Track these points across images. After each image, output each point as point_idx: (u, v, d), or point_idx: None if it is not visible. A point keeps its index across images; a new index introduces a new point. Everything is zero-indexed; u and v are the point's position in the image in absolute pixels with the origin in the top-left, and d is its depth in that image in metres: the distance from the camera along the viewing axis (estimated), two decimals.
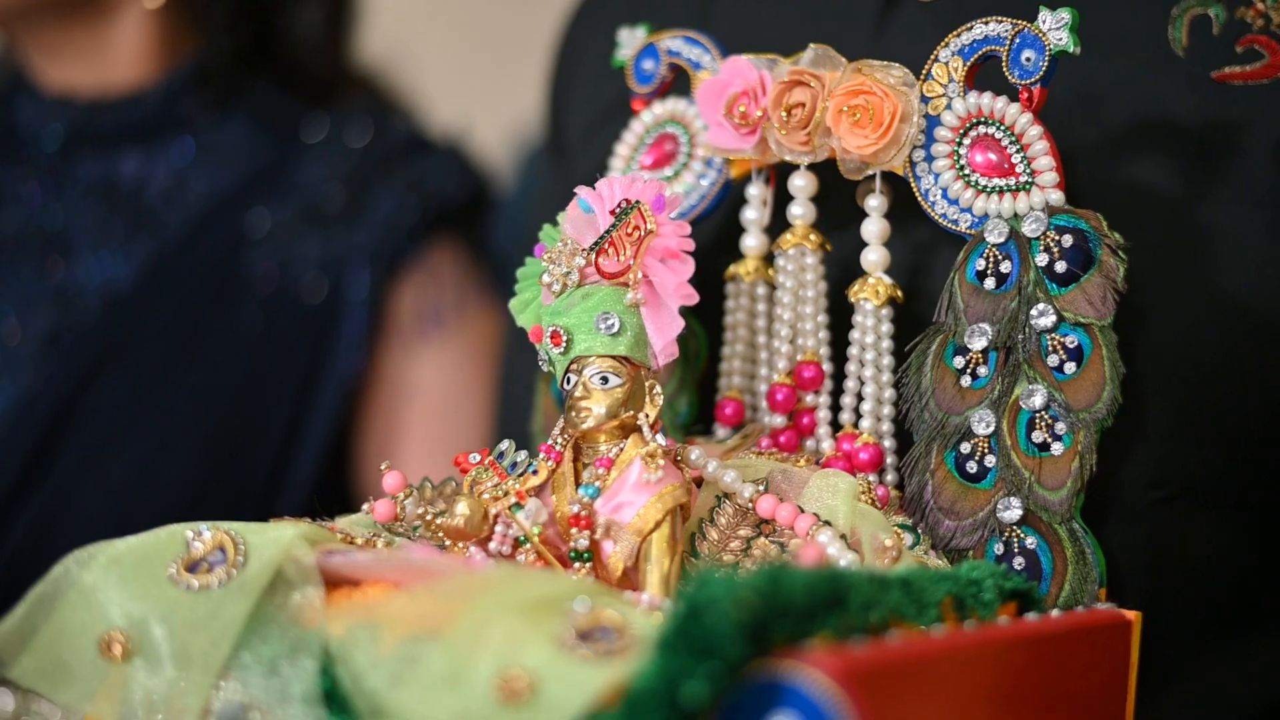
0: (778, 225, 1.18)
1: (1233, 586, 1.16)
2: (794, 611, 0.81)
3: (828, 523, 1.03)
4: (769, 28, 1.31)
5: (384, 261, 1.73)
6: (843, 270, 1.17)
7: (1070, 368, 1.03)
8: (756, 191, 1.17)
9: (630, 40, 1.23)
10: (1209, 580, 1.15)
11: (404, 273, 1.74)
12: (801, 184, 1.14)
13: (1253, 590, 1.16)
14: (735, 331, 1.19)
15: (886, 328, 1.12)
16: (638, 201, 1.05)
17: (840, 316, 1.16)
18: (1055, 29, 1.05)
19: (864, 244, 1.13)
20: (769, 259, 1.18)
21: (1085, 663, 0.98)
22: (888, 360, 1.12)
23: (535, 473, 1.04)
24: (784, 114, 1.11)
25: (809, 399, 1.15)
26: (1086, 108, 1.15)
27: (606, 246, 1.05)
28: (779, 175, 1.17)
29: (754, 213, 1.17)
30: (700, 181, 1.18)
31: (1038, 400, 1.03)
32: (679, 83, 1.22)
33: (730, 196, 1.19)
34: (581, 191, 1.08)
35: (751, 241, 1.18)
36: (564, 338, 1.04)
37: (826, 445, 1.14)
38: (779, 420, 1.15)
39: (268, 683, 0.92)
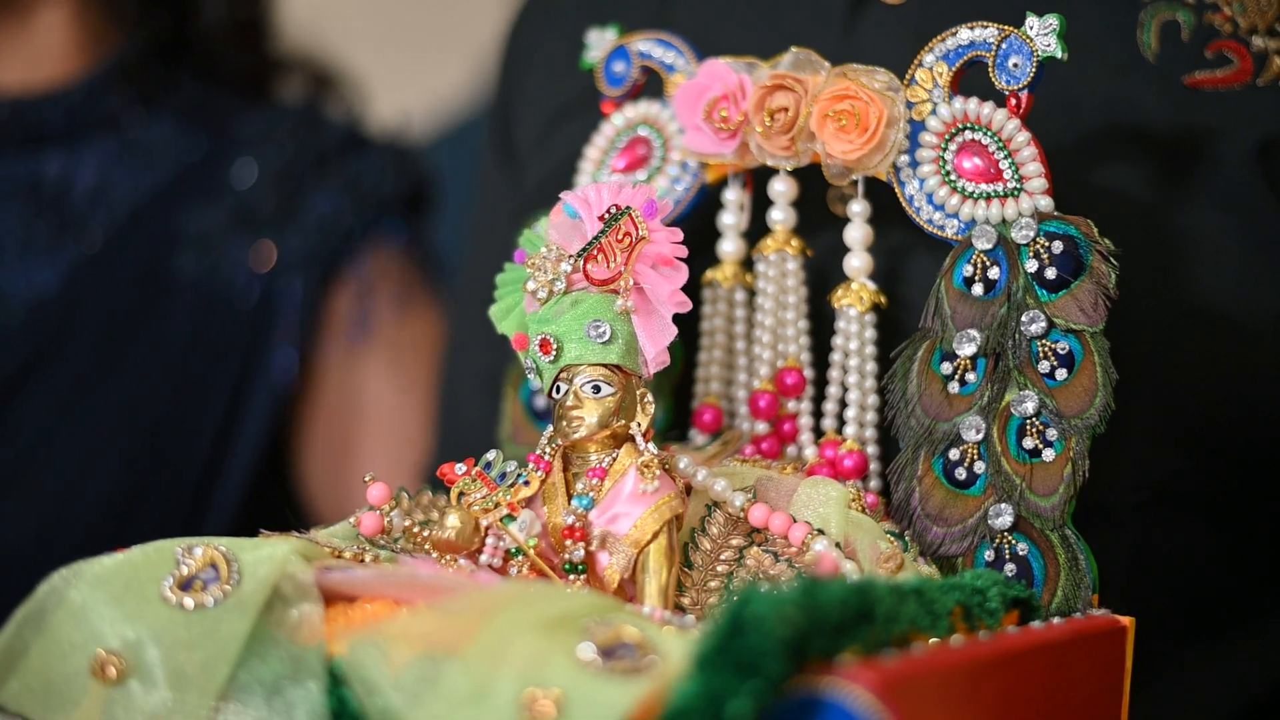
0: (751, 230, 1.17)
1: (1213, 589, 1.17)
2: (829, 626, 0.81)
3: (821, 531, 1.03)
4: (730, 29, 1.30)
5: (319, 266, 1.68)
6: (817, 275, 1.16)
7: (1061, 374, 1.03)
8: (734, 196, 1.16)
9: (599, 42, 1.21)
10: (1189, 583, 1.16)
11: (341, 277, 1.70)
12: (782, 189, 1.14)
13: (1232, 592, 1.18)
14: (713, 337, 1.17)
15: (870, 333, 1.11)
16: (628, 207, 1.03)
17: (817, 322, 1.15)
18: (1043, 34, 1.05)
19: (842, 249, 1.13)
20: (746, 264, 1.17)
21: (1085, 668, 0.98)
22: (871, 366, 1.11)
23: (526, 484, 1.02)
24: (767, 118, 1.09)
25: (790, 405, 1.14)
26: (1060, 112, 1.15)
27: (595, 253, 1.03)
28: (755, 179, 1.16)
29: (731, 217, 1.16)
30: (675, 186, 1.17)
31: (1029, 406, 1.03)
32: (649, 85, 1.20)
33: (704, 201, 1.18)
34: (568, 197, 1.06)
35: (729, 247, 1.16)
36: (554, 346, 1.03)
37: (809, 452, 1.13)
38: (761, 427, 1.14)
39: (270, 704, 0.89)
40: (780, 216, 1.14)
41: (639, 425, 1.03)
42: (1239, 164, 1.12)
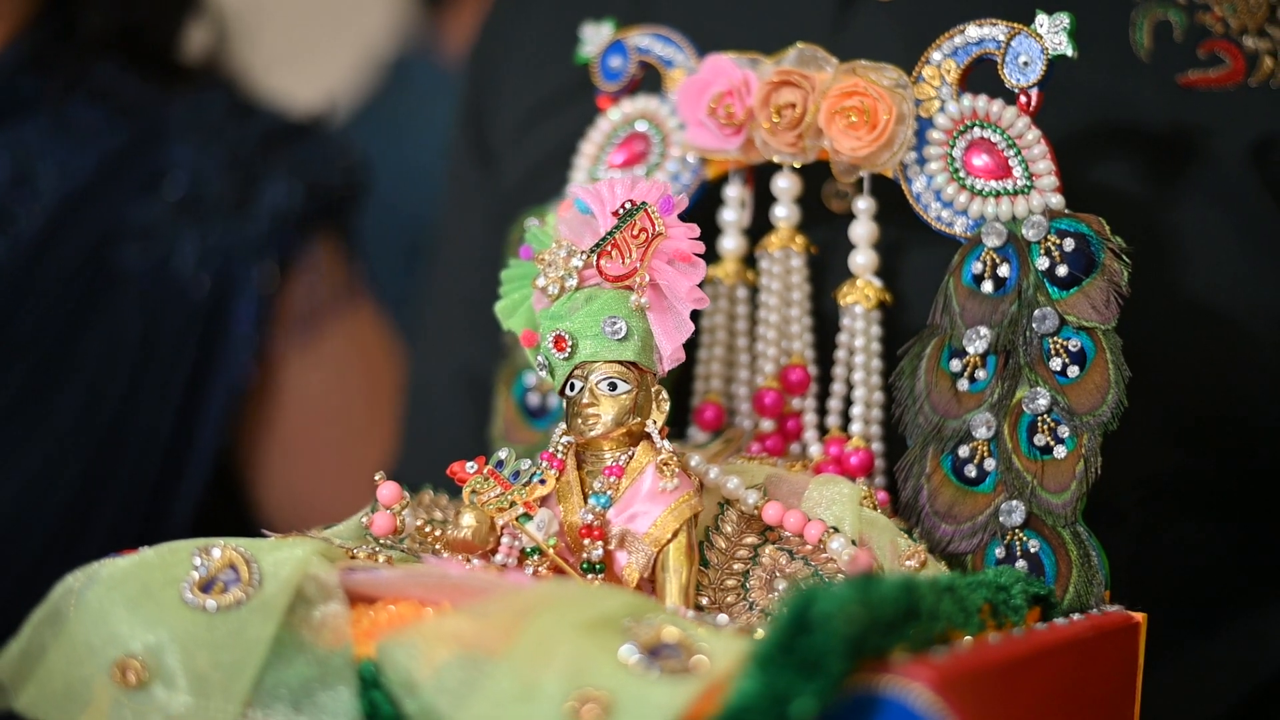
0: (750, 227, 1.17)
1: (1211, 584, 1.18)
2: (883, 624, 0.80)
3: (835, 529, 1.02)
4: (715, 25, 1.28)
5: (274, 255, 1.62)
6: (815, 271, 1.16)
7: (1073, 371, 1.03)
8: (735, 193, 1.15)
9: (595, 37, 1.20)
10: (1190, 577, 1.17)
11: (295, 267, 1.64)
12: (786, 186, 1.13)
13: (1232, 586, 1.19)
14: (714, 335, 1.17)
15: (876, 330, 1.11)
16: (644, 203, 1.02)
17: (817, 319, 1.15)
18: (1053, 32, 1.05)
19: (837, 245, 1.13)
20: (747, 261, 1.16)
21: (1104, 664, 0.99)
22: (876, 363, 1.11)
23: (542, 482, 1.01)
24: (774, 115, 1.09)
25: (794, 403, 1.14)
26: (1053, 110, 1.15)
27: (609, 249, 1.02)
28: (756, 176, 1.16)
29: (733, 214, 1.16)
30: (675, 182, 1.16)
31: (1042, 403, 1.03)
32: (645, 80, 1.19)
33: (704, 197, 1.17)
34: (579, 192, 1.05)
35: (730, 243, 1.16)
36: (568, 343, 1.01)
37: (814, 449, 1.13)
38: (766, 424, 1.14)
39: (299, 708, 0.88)
40: (784, 213, 1.13)
41: (655, 423, 1.02)
42: (1234, 163, 1.13)
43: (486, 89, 1.46)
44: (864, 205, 1.11)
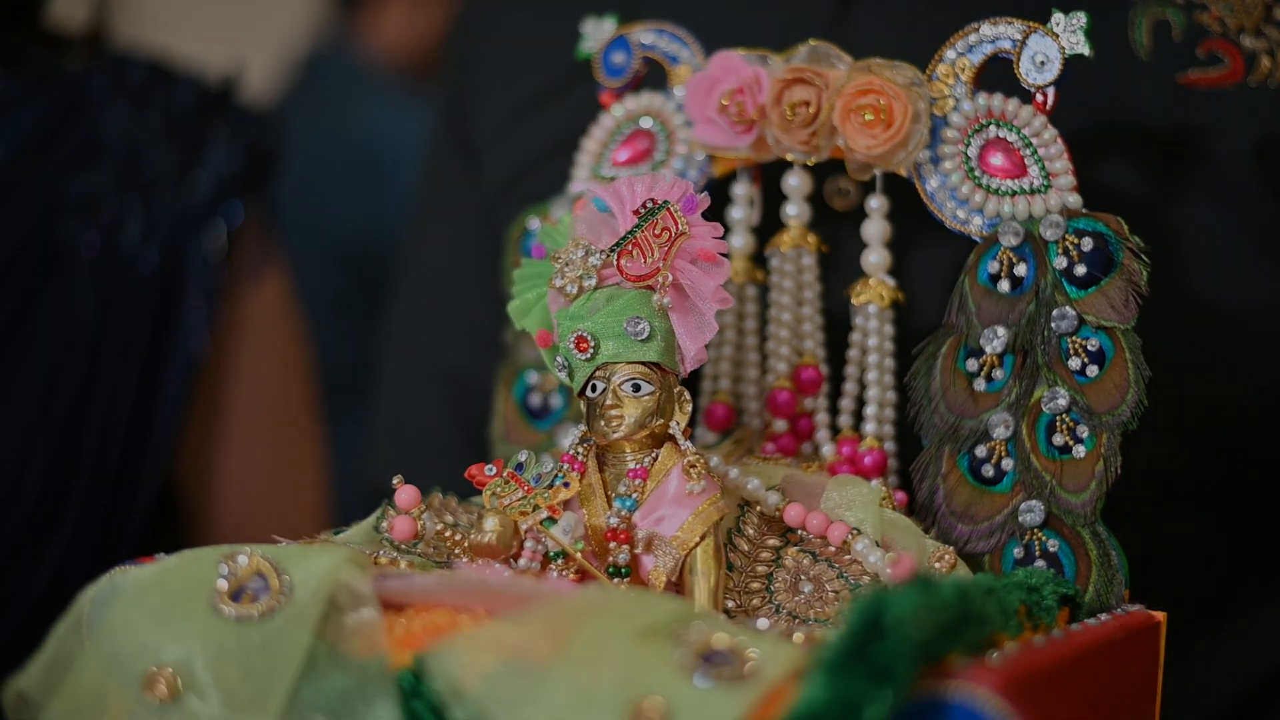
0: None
1: (1217, 582, 1.19)
2: (944, 628, 0.80)
3: (858, 530, 1.02)
4: (706, 19, 1.27)
5: (221, 221, 1.55)
6: (822, 270, 1.15)
7: (1092, 370, 1.03)
8: (743, 191, 1.14)
9: (597, 32, 1.18)
10: (1195, 576, 1.17)
11: (241, 236, 1.57)
12: (796, 184, 1.12)
13: (1237, 585, 1.19)
14: (722, 334, 1.15)
15: (889, 330, 1.10)
16: (666, 202, 1.01)
17: (827, 317, 1.14)
18: (1069, 32, 1.05)
19: (847, 244, 1.12)
20: (755, 259, 1.15)
21: (1131, 663, 0.99)
22: (890, 363, 1.10)
23: (565, 485, 0.99)
24: (787, 112, 1.08)
25: (806, 402, 1.13)
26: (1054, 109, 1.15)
27: (630, 248, 1.01)
28: (764, 173, 1.15)
29: (740, 212, 1.15)
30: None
31: (1061, 402, 1.03)
32: (646, 76, 1.18)
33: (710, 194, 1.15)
34: (598, 190, 1.03)
35: (737, 242, 1.15)
36: (590, 343, 1.00)
37: (827, 449, 1.12)
38: (779, 424, 1.13)
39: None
40: (795, 211, 1.13)
41: (678, 424, 1.00)
42: (1236, 161, 1.13)
43: (467, 85, 1.44)
44: (876, 204, 1.10)
